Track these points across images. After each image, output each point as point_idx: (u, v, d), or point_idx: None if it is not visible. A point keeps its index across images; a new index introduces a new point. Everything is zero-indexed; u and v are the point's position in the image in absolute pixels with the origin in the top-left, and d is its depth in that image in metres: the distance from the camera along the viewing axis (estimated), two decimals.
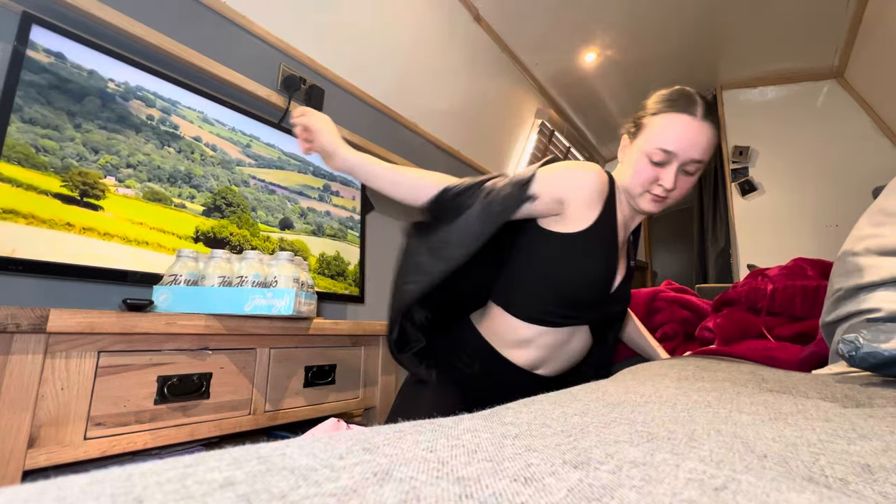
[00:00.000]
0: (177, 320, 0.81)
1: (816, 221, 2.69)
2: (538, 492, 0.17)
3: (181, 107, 1.20)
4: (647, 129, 0.80)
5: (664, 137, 0.77)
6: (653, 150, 0.78)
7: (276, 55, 1.55)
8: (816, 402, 0.40)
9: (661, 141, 0.77)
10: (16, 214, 0.88)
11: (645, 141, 0.80)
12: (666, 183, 0.78)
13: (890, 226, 0.68)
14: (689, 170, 0.79)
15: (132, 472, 0.16)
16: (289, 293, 0.86)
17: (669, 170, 0.78)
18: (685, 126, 0.77)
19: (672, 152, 0.77)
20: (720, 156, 3.04)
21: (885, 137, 2.60)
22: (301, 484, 0.16)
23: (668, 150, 0.77)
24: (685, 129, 0.76)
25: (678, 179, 0.79)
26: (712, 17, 2.42)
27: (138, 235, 1.06)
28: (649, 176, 0.79)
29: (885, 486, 0.20)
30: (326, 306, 1.57)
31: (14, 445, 0.62)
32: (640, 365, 0.76)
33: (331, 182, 1.62)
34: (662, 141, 0.77)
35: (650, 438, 0.26)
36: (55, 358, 0.68)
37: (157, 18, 1.21)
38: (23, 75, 0.93)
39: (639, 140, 0.81)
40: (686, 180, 0.81)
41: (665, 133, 0.77)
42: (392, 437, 0.24)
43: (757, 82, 2.97)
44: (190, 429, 0.82)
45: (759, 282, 1.14)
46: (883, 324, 0.54)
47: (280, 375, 1.00)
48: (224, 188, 1.27)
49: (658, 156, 0.77)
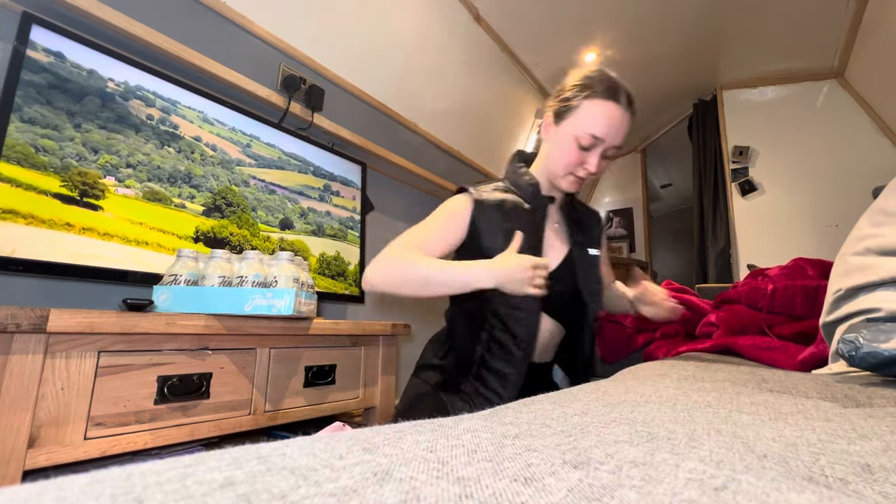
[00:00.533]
0: (177, 320, 0.81)
1: (816, 221, 2.69)
2: (538, 492, 0.17)
3: (181, 106, 1.20)
4: (577, 112, 0.82)
5: (595, 124, 0.80)
6: (583, 134, 0.81)
7: (276, 55, 1.55)
8: (816, 402, 0.40)
9: (592, 127, 0.80)
10: (15, 214, 0.88)
11: (574, 125, 0.82)
12: (591, 167, 0.82)
13: (890, 226, 0.68)
14: (609, 154, 0.84)
15: (132, 472, 0.16)
16: (289, 293, 0.86)
17: (595, 154, 0.82)
18: (614, 114, 0.80)
19: (601, 138, 0.80)
20: (720, 156, 3.04)
21: (885, 137, 2.60)
22: (301, 484, 0.16)
23: (597, 137, 0.80)
24: (614, 117, 0.80)
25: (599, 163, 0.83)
26: (712, 17, 2.42)
27: (138, 235, 1.06)
28: (575, 159, 0.83)
29: (885, 486, 0.20)
30: (326, 306, 1.58)
31: (14, 445, 0.62)
32: (640, 365, 0.76)
33: (331, 182, 1.62)
34: (593, 127, 0.80)
35: (650, 438, 0.26)
36: (55, 358, 0.68)
37: (157, 18, 1.21)
38: (22, 75, 0.93)
39: (567, 123, 0.83)
40: (604, 163, 0.85)
41: (596, 119, 0.80)
42: (392, 437, 0.24)
43: (757, 82, 2.97)
44: (190, 429, 0.82)
45: (759, 282, 1.14)
46: (883, 324, 0.54)
47: (280, 375, 1.00)
48: (224, 188, 1.27)
49: (587, 140, 0.81)
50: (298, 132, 1.53)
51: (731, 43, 2.67)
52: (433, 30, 2.05)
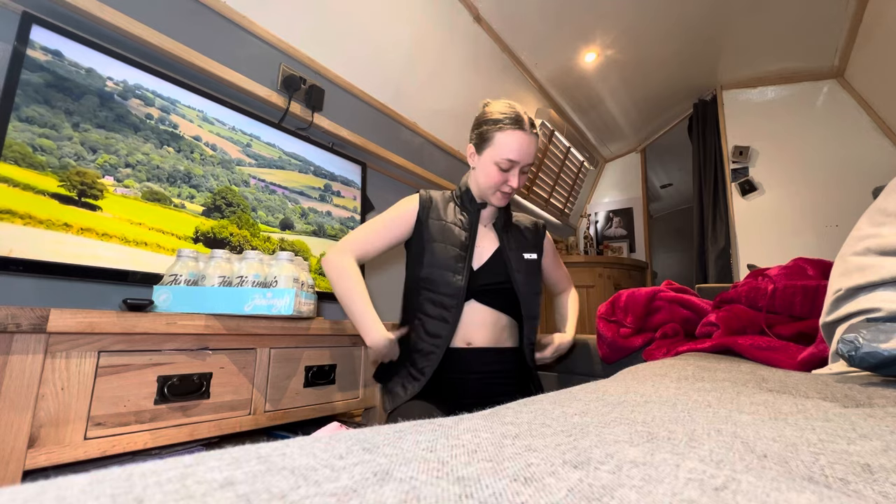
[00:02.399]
0: (177, 320, 0.81)
1: (816, 221, 2.69)
2: (538, 492, 0.17)
3: (181, 105, 1.20)
4: (493, 142, 1.01)
5: (508, 150, 0.99)
6: (501, 160, 1.00)
7: (276, 55, 1.55)
8: (816, 402, 0.40)
9: (507, 153, 0.99)
10: (12, 215, 0.88)
11: (492, 153, 1.01)
12: (513, 184, 1.02)
13: (890, 226, 0.68)
14: (525, 170, 1.04)
15: (132, 472, 0.16)
16: (289, 293, 0.86)
17: (514, 173, 1.01)
18: (522, 140, 0.99)
19: (516, 161, 1.00)
20: (720, 156, 3.04)
21: (886, 137, 2.60)
22: (301, 484, 0.16)
23: (512, 160, 1.00)
24: (523, 143, 0.99)
25: (519, 179, 1.03)
26: (712, 17, 2.42)
27: (137, 236, 1.06)
28: (498, 180, 1.02)
29: (885, 486, 0.20)
30: (326, 306, 1.57)
31: (14, 445, 0.62)
32: (640, 365, 0.76)
33: (332, 182, 1.62)
34: (507, 153, 0.99)
35: (650, 438, 0.26)
36: (55, 358, 0.68)
37: (158, 18, 1.21)
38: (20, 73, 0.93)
39: (487, 152, 1.02)
40: (523, 178, 1.05)
41: (509, 146, 0.99)
42: (392, 437, 0.24)
43: (757, 82, 2.97)
44: (190, 429, 0.82)
45: (759, 281, 1.14)
46: (883, 324, 0.54)
47: (280, 375, 1.00)
48: (224, 188, 1.27)
49: (505, 164, 1.00)
50: (298, 132, 1.53)
51: (731, 43, 2.67)
52: (433, 30, 2.05)
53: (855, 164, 2.65)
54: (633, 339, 1.28)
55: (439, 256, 1.02)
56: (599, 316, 1.35)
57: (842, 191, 2.65)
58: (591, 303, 3.04)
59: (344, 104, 1.80)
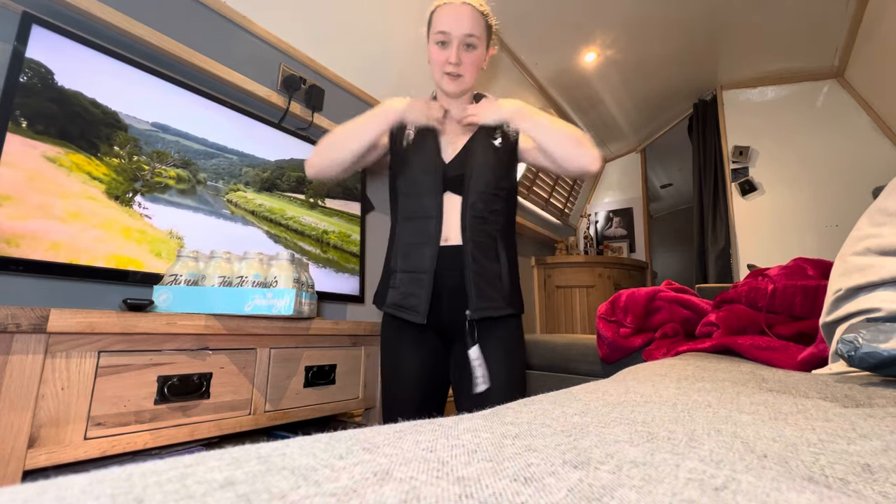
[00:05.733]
0: (177, 320, 0.81)
1: (816, 221, 2.69)
2: (538, 492, 0.17)
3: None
4: (430, 25, 1.02)
5: (439, 23, 0.99)
6: (434, 35, 1.00)
7: (276, 55, 1.55)
8: (816, 402, 0.40)
9: (437, 26, 0.99)
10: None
11: (431, 36, 1.01)
12: (452, 58, 0.99)
13: (890, 226, 0.68)
14: (469, 42, 1.00)
15: (132, 472, 0.16)
16: (289, 293, 0.86)
17: (451, 47, 0.99)
18: (449, 10, 0.98)
19: (447, 31, 0.98)
20: (720, 156, 3.04)
21: (886, 137, 2.60)
22: (301, 484, 0.16)
23: (443, 31, 0.98)
24: (451, 11, 0.98)
25: (462, 55, 1.00)
26: (712, 17, 2.42)
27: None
28: (440, 58, 1.00)
29: (885, 486, 0.20)
30: (326, 306, 1.58)
31: (14, 445, 0.62)
32: (640, 365, 0.76)
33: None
34: (437, 26, 0.99)
35: (650, 438, 0.26)
36: (55, 358, 0.68)
37: (158, 18, 1.21)
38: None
39: (429, 38, 1.02)
40: (470, 55, 1.01)
41: (440, 20, 0.99)
42: (392, 437, 0.24)
43: (757, 82, 2.97)
44: (190, 429, 0.82)
45: (759, 281, 1.14)
46: (882, 324, 0.54)
47: (280, 375, 1.00)
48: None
49: (439, 37, 0.99)
50: (298, 132, 1.53)
51: (731, 43, 2.67)
52: None
53: (855, 164, 2.65)
54: (633, 339, 1.28)
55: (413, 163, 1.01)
56: (599, 316, 1.35)
57: (842, 191, 2.65)
58: (591, 303, 3.04)
59: (344, 104, 1.80)
